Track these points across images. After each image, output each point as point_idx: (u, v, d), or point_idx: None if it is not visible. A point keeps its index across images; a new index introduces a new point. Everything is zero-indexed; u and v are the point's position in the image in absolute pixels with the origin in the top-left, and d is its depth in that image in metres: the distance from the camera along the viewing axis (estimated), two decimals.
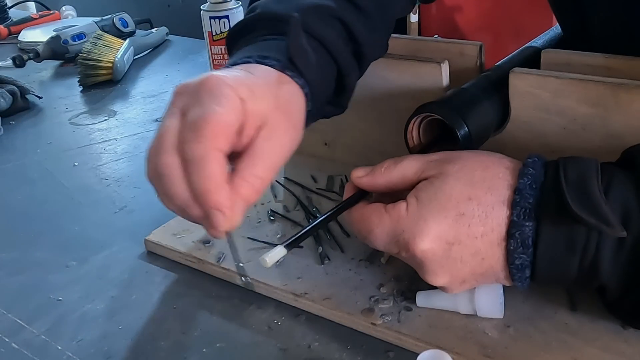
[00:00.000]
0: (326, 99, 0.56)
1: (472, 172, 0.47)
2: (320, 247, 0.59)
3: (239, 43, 0.56)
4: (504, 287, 0.49)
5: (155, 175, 0.45)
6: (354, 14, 0.57)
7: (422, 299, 0.52)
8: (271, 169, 0.46)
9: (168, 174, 0.43)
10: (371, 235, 0.48)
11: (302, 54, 0.50)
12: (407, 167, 0.50)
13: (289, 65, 0.50)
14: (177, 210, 0.45)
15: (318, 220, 0.50)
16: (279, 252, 0.47)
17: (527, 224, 0.44)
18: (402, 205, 0.47)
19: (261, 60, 0.50)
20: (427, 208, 0.46)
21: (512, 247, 0.45)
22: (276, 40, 0.53)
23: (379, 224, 0.48)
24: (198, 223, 0.45)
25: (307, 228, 0.49)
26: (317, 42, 0.54)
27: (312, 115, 0.53)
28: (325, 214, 0.50)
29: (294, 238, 0.48)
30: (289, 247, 0.47)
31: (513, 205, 0.45)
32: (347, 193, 0.52)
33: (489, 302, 0.49)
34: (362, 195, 0.51)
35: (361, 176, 0.51)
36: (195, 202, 0.43)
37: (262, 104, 0.46)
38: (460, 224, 0.46)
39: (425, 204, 0.47)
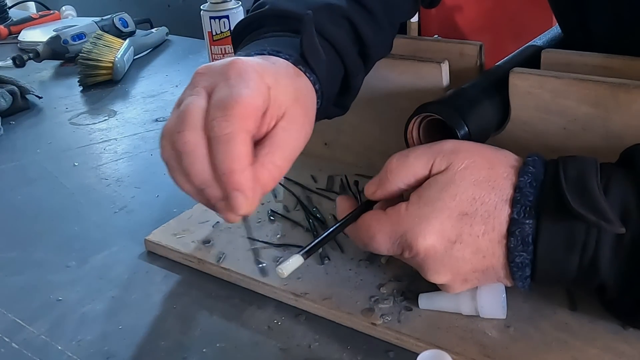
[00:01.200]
0: (332, 99, 0.56)
1: (478, 171, 0.47)
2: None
3: (248, 37, 0.56)
4: (505, 287, 0.49)
5: (175, 152, 0.44)
6: (362, 15, 0.57)
7: (424, 301, 0.51)
8: (288, 159, 0.45)
9: (191, 151, 0.43)
10: (373, 241, 0.48)
11: (314, 52, 0.50)
12: (416, 167, 0.48)
13: (301, 61, 0.50)
14: (193, 191, 0.45)
15: (332, 228, 0.50)
16: (295, 261, 0.46)
17: (527, 221, 0.44)
18: (401, 205, 0.47)
19: (275, 53, 0.50)
20: (429, 207, 0.46)
21: (512, 245, 0.45)
22: (287, 37, 0.53)
23: (380, 229, 0.48)
24: (210, 206, 0.45)
25: (322, 237, 0.49)
26: (326, 42, 0.54)
27: (318, 114, 0.53)
28: (339, 222, 0.50)
29: (308, 247, 0.48)
30: (305, 255, 0.47)
31: (513, 203, 0.45)
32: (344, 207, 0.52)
33: (492, 303, 0.49)
34: (371, 203, 0.51)
35: (374, 191, 0.50)
36: (216, 182, 0.43)
37: (285, 94, 0.46)
38: (463, 222, 0.46)
39: (428, 203, 0.46)
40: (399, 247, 0.48)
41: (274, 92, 0.45)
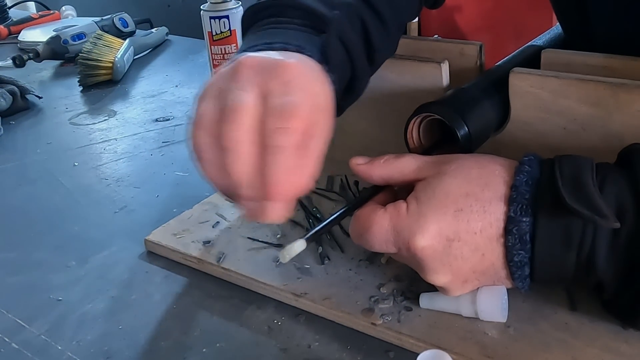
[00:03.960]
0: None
1: (468, 170, 0.48)
2: (320, 247, 0.59)
3: (262, 21, 0.55)
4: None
5: (216, 144, 0.43)
6: (373, 18, 0.57)
7: (426, 300, 0.51)
8: (318, 166, 0.45)
9: (237, 149, 0.42)
10: (369, 233, 0.48)
11: (335, 54, 0.50)
12: (407, 164, 0.50)
13: (323, 61, 0.50)
14: (224, 186, 0.44)
15: (336, 215, 0.50)
16: (299, 245, 0.46)
17: (524, 219, 0.45)
18: (402, 204, 0.48)
19: (299, 49, 0.49)
20: (426, 206, 0.47)
21: (510, 244, 0.45)
22: (307, 33, 0.52)
23: (377, 222, 0.48)
24: (233, 201, 0.44)
25: (326, 222, 0.49)
26: (340, 42, 0.53)
27: None
28: (342, 208, 0.50)
29: (313, 232, 0.48)
30: (308, 240, 0.47)
31: (510, 201, 0.45)
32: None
33: (492, 305, 0.49)
34: (377, 190, 0.52)
35: (360, 164, 0.51)
36: (254, 185, 0.42)
37: (323, 101, 0.46)
38: (459, 219, 0.46)
39: (425, 202, 0.47)
40: (394, 245, 0.48)
41: (317, 100, 0.45)
